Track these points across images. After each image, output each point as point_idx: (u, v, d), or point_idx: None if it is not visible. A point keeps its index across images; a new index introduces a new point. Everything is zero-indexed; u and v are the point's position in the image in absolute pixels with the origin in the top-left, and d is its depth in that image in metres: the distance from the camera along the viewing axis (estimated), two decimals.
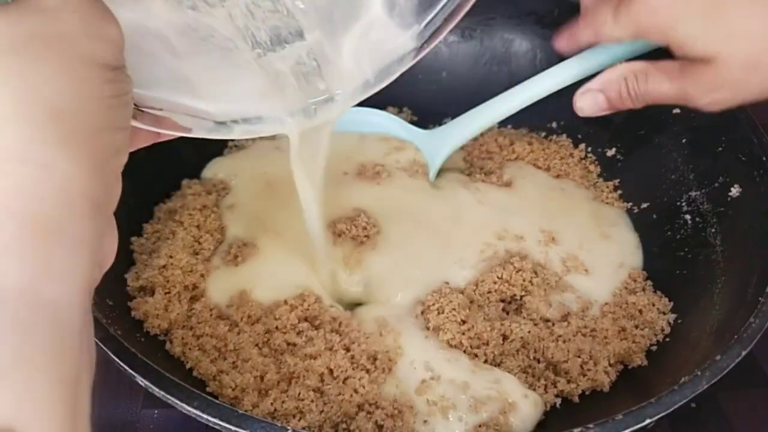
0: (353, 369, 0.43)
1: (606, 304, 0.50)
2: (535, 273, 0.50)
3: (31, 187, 0.22)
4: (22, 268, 0.21)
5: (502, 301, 0.49)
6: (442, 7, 0.37)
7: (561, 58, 0.61)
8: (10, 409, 0.20)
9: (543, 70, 0.62)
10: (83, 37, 0.23)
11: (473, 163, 0.61)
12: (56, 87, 0.23)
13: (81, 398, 0.23)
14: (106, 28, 0.24)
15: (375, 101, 0.64)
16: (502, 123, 0.63)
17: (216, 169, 0.57)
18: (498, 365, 0.45)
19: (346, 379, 0.43)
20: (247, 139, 0.59)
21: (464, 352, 0.46)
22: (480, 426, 0.42)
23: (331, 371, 0.43)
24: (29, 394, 0.20)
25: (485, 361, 0.45)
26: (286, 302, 0.47)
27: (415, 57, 0.38)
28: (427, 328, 0.47)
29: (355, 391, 0.42)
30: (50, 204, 0.22)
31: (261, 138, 0.59)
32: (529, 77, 0.62)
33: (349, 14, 0.36)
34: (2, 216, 0.21)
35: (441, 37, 0.38)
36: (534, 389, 0.44)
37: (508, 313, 0.49)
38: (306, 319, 0.46)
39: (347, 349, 0.45)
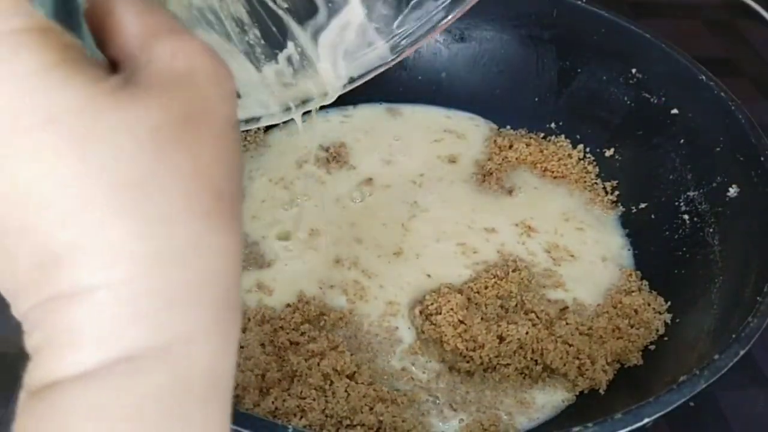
0: (356, 367, 0.44)
1: (599, 305, 0.50)
2: (530, 271, 0.51)
3: (217, 268, 0.21)
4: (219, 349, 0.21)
5: (500, 298, 0.49)
6: (420, 19, 0.37)
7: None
8: None
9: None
10: (219, 101, 0.21)
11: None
12: (215, 167, 0.20)
13: None
14: (228, 83, 0.22)
15: (371, 100, 0.64)
16: (501, 124, 0.64)
17: None
18: (494, 368, 0.46)
19: (349, 377, 0.43)
20: (249, 141, 0.59)
21: (460, 354, 0.46)
22: (478, 422, 0.42)
23: (335, 370, 0.43)
24: None
25: (480, 364, 0.45)
26: (289, 305, 0.48)
27: (392, 61, 0.39)
28: (423, 331, 0.47)
29: (358, 389, 0.42)
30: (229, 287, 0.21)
31: (262, 138, 0.60)
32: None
33: (331, 9, 0.37)
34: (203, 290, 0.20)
35: (417, 46, 0.38)
36: (532, 390, 0.45)
37: (507, 311, 0.49)
38: (309, 320, 0.47)
39: (349, 349, 0.45)
